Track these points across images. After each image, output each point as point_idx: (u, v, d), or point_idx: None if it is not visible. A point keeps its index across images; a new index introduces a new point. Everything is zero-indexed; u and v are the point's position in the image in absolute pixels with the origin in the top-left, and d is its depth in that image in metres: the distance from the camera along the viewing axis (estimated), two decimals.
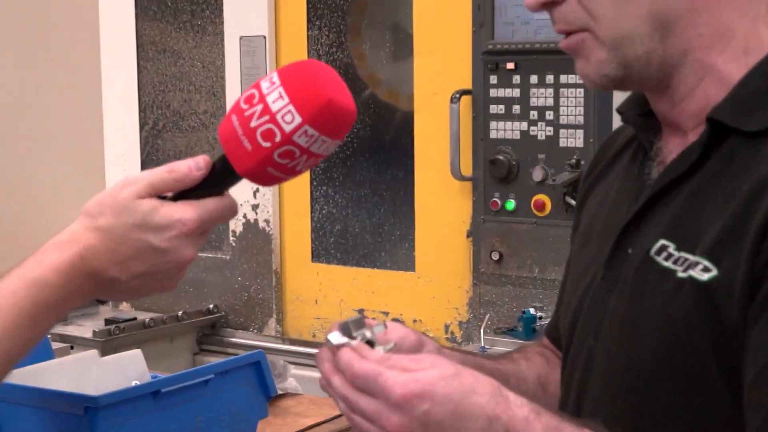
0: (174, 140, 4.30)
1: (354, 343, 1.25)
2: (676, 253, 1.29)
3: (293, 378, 3.03)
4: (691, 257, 1.27)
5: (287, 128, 1.27)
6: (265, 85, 1.30)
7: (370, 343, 1.28)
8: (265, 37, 4.01)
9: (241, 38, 4.05)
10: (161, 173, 1.31)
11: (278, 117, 1.27)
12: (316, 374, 3.91)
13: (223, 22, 4.10)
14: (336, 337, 1.25)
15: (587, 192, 1.65)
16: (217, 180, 1.34)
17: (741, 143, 1.29)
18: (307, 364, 3.79)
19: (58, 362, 2.41)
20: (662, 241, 1.31)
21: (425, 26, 3.75)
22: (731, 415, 1.24)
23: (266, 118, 1.27)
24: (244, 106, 1.29)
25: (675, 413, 1.30)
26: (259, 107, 1.28)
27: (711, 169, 1.32)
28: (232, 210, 1.35)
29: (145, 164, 4.34)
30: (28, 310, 1.28)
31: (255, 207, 4.06)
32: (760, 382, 1.17)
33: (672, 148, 1.41)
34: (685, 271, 1.27)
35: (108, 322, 3.93)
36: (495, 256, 3.55)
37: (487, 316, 3.54)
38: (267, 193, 4.04)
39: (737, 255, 1.21)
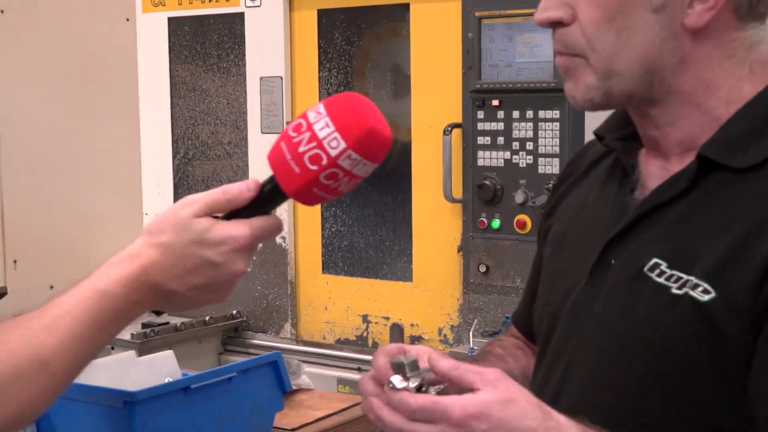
0: (202, 167, 4.30)
1: (412, 386, 1.21)
2: (668, 271, 1.28)
3: (306, 375, 3.03)
4: (686, 276, 1.25)
5: (333, 153, 1.26)
6: (311, 115, 1.29)
7: (423, 387, 1.24)
8: (281, 78, 4.01)
9: (261, 78, 4.06)
10: (216, 194, 1.30)
11: (325, 143, 1.26)
12: (326, 372, 3.91)
13: (245, 65, 4.11)
14: (398, 381, 1.21)
15: (558, 201, 1.63)
16: (265, 200, 1.32)
17: (727, 177, 1.29)
18: (318, 363, 3.84)
19: (101, 361, 2.40)
20: (655, 260, 1.30)
21: (421, 68, 3.76)
22: (727, 418, 1.24)
23: (314, 144, 1.27)
24: (293, 134, 1.29)
25: (661, 418, 1.28)
26: (307, 135, 1.27)
27: (698, 198, 1.31)
28: (278, 227, 1.34)
29: (177, 188, 4.34)
30: (96, 317, 1.26)
31: None
32: None
33: (652, 169, 1.40)
34: (680, 288, 1.26)
35: (144, 326, 3.92)
36: (482, 269, 3.54)
37: (476, 321, 3.53)
38: (282, 213, 4.02)
39: (738, 282, 1.21)
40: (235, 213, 1.31)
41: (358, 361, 3.81)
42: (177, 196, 4.29)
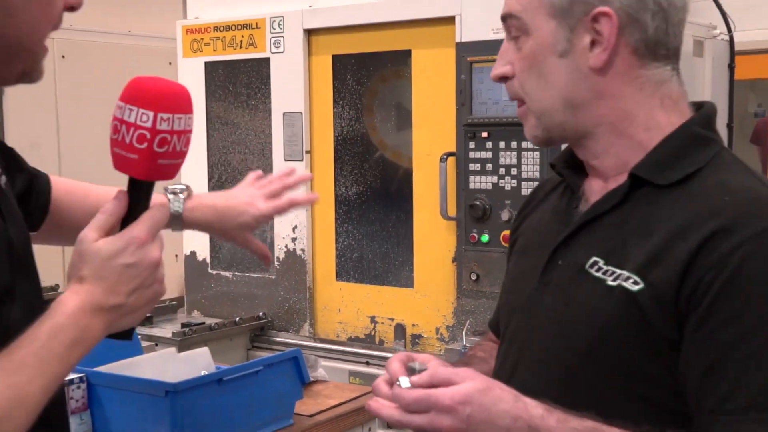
0: (230, 188, 4.32)
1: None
2: (605, 267, 1.32)
3: (322, 368, 3.04)
4: (619, 271, 1.30)
5: (148, 124, 1.24)
6: (117, 112, 1.28)
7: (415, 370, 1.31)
8: (301, 113, 4.02)
9: (283, 114, 4.06)
10: (98, 218, 1.27)
11: (138, 122, 1.25)
12: (340, 365, 3.92)
13: (270, 102, 4.11)
14: (404, 381, 1.27)
15: (522, 220, 1.66)
16: (136, 197, 1.31)
17: (654, 192, 1.34)
18: (333, 358, 3.83)
19: (146, 357, 2.44)
20: (594, 258, 1.34)
21: (420, 105, 3.77)
22: (654, 392, 1.28)
23: (131, 129, 1.25)
24: (115, 135, 1.27)
25: (603, 389, 1.32)
26: (123, 127, 1.26)
27: (630, 208, 1.35)
28: (162, 210, 1.31)
29: None
30: (58, 353, 1.20)
31: (293, 239, 4.06)
32: (708, 377, 1.21)
33: (595, 188, 1.44)
34: (614, 280, 1.30)
35: (183, 325, 3.93)
36: (473, 277, 3.55)
37: (468, 322, 3.54)
38: (303, 229, 4.05)
39: (663, 277, 1.25)
40: (125, 221, 1.29)
41: (367, 356, 3.80)
42: None
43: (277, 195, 2.00)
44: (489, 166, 3.51)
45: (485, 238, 3.52)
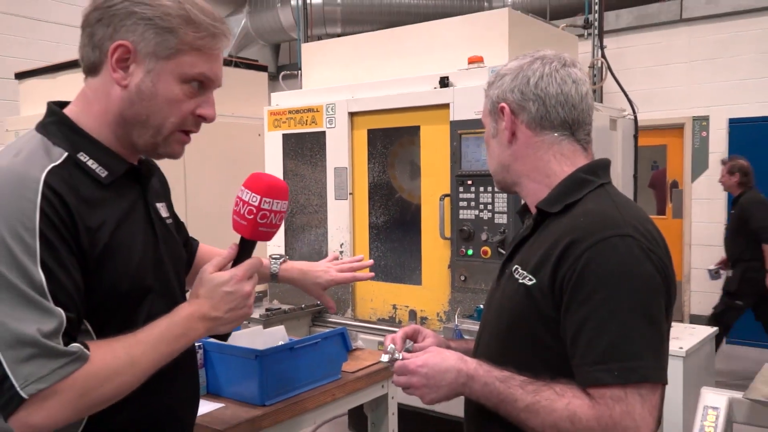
0: (300, 219, 4.32)
1: (386, 360, 1.46)
2: (519, 271, 1.36)
3: (360, 340, 3.05)
4: (525, 272, 1.34)
5: (255, 203, 1.32)
6: (239, 193, 1.35)
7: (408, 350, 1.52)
8: (346, 168, 4.04)
9: (334, 168, 4.09)
10: (218, 259, 1.33)
11: (249, 201, 1.33)
12: (371, 338, 3.89)
13: (326, 160, 4.13)
14: (384, 357, 1.45)
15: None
16: (243, 250, 1.36)
17: (549, 219, 1.38)
18: (367, 333, 3.82)
19: (242, 332, 2.44)
20: (516, 266, 1.39)
21: (427, 162, 3.77)
22: (545, 354, 1.30)
23: (245, 206, 1.33)
24: (235, 208, 1.36)
25: (519, 352, 1.35)
26: (241, 203, 1.34)
27: (538, 231, 1.40)
28: (258, 261, 1.35)
29: (287, 231, 4.35)
30: (167, 338, 1.23)
31: (341, 252, 4.06)
32: (576, 339, 1.23)
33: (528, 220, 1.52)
34: (522, 279, 1.34)
35: (267, 310, 3.94)
36: (462, 278, 3.54)
37: (459, 309, 3.53)
38: (347, 245, 4.06)
39: (544, 274, 1.29)
40: (234, 264, 1.34)
41: (390, 331, 3.77)
42: (287, 236, 4.33)
43: (345, 270, 2.05)
44: (472, 203, 3.51)
45: (470, 252, 3.52)
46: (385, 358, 1.43)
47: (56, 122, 1.26)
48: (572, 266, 1.23)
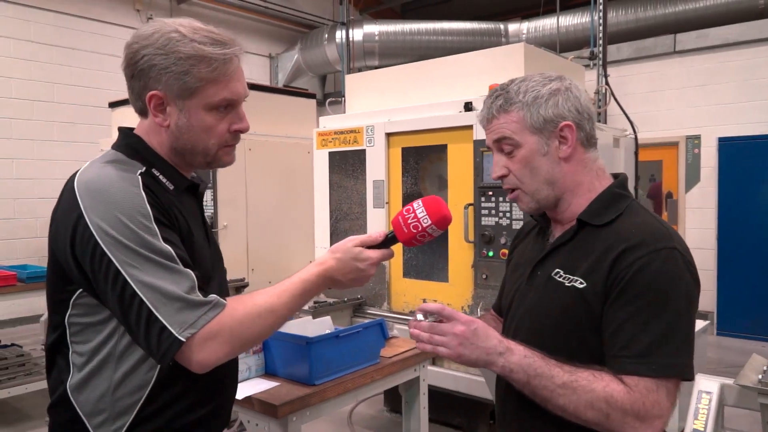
0: (343, 225, 4.33)
1: (427, 319, 1.27)
2: (563, 274, 1.29)
3: (396, 330, 3.02)
4: (572, 276, 1.26)
5: (425, 224, 1.29)
6: (415, 205, 1.31)
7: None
8: (383, 180, 4.02)
9: (373, 181, 4.08)
10: (364, 237, 1.32)
11: (421, 220, 1.29)
12: (405, 327, 3.81)
13: (366, 174, 4.12)
14: (420, 316, 1.28)
15: (515, 247, 1.62)
16: (388, 241, 1.32)
17: (592, 229, 1.30)
18: (402, 323, 3.78)
19: (294, 321, 2.44)
20: (557, 269, 1.30)
21: (453, 176, 3.73)
22: (594, 353, 1.23)
23: (416, 220, 1.30)
24: (405, 214, 1.31)
25: (562, 349, 1.27)
26: (412, 215, 1.30)
27: (578, 240, 1.31)
28: (392, 254, 1.33)
29: (331, 235, 4.35)
30: (301, 291, 1.26)
31: None
32: (618, 333, 1.19)
33: (556, 230, 1.41)
34: (569, 283, 1.26)
35: (315, 302, 3.93)
36: (484, 277, 3.50)
37: (481, 303, 3.48)
38: None
39: (596, 279, 1.22)
40: (373, 246, 1.32)
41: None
42: (332, 239, 4.33)
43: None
44: (493, 211, 3.47)
45: (491, 253, 3.47)
46: (420, 316, 1.33)
47: (132, 144, 1.31)
48: (625, 270, 1.19)
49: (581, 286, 1.24)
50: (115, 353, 1.19)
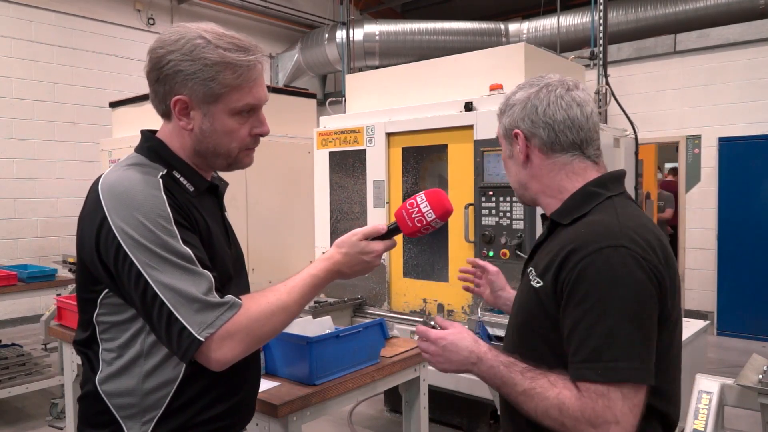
0: (343, 225, 4.33)
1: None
2: (533, 273, 1.31)
3: (396, 330, 3.01)
4: (536, 275, 1.29)
5: (429, 218, 1.33)
6: (419, 199, 1.35)
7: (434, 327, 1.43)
8: (383, 180, 4.02)
9: (373, 181, 4.08)
10: (368, 229, 1.36)
11: (425, 214, 1.33)
12: (405, 327, 3.83)
13: (366, 174, 4.12)
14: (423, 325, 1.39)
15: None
16: (391, 233, 1.36)
17: (561, 228, 1.33)
18: (402, 323, 3.77)
19: (296, 321, 2.43)
20: (530, 268, 1.34)
21: (453, 176, 3.73)
22: (555, 348, 1.24)
23: (420, 214, 1.34)
24: (408, 208, 1.35)
25: (532, 343, 1.30)
26: (416, 209, 1.34)
27: (550, 238, 1.35)
28: (394, 244, 1.37)
29: (332, 234, 4.35)
30: (309, 285, 1.29)
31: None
32: (570, 337, 1.19)
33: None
34: (532, 281, 1.29)
35: (315, 302, 3.92)
36: None
37: (481, 303, 3.48)
38: None
39: (548, 278, 1.24)
40: (376, 238, 1.36)
41: (421, 323, 3.75)
42: (331, 239, 4.32)
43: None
44: (493, 211, 3.46)
45: (491, 253, 3.47)
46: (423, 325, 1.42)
47: (154, 147, 1.33)
48: (569, 272, 1.19)
49: (537, 285, 1.26)
50: (142, 350, 1.23)
